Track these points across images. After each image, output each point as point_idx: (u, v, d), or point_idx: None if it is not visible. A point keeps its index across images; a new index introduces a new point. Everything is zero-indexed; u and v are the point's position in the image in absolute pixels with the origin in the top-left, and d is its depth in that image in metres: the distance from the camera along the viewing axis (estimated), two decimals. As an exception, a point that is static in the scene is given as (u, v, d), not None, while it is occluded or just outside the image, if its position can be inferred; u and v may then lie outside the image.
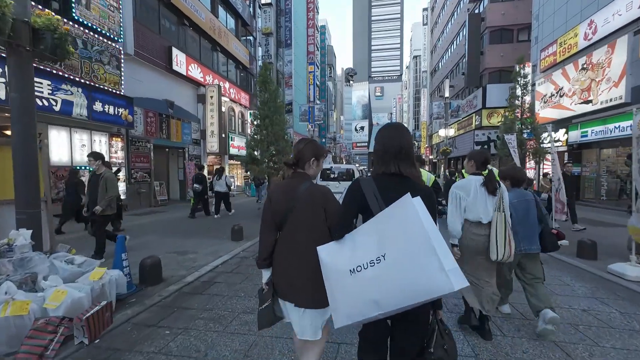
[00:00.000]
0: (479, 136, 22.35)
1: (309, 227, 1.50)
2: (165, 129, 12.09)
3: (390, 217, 1.16)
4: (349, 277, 1.21)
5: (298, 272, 1.50)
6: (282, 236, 1.57)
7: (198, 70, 14.11)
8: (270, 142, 8.58)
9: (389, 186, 1.31)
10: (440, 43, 36.41)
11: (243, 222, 8.10)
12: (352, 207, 1.35)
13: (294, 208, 1.51)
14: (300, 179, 1.58)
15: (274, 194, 1.62)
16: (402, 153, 1.34)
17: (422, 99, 46.27)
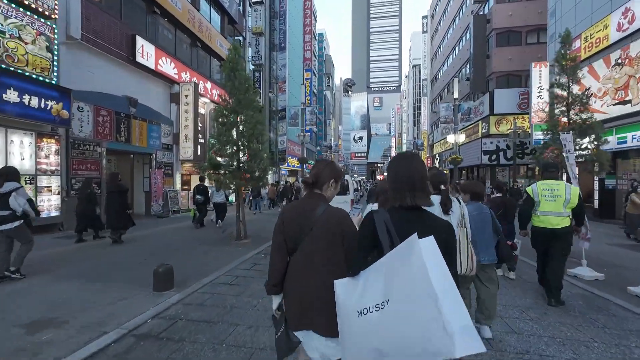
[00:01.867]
0: (487, 145, 20.56)
1: (326, 252, 1.40)
2: (124, 131, 10.15)
3: (396, 260, 1.07)
4: (356, 318, 1.13)
5: (316, 299, 1.39)
6: (296, 261, 1.47)
7: (171, 66, 12.31)
8: (239, 145, 6.62)
9: (405, 221, 1.21)
10: (441, 50, 35.21)
11: (205, 247, 6.08)
12: (364, 243, 1.26)
13: (310, 232, 1.42)
14: (317, 200, 1.50)
15: (287, 216, 1.54)
16: (417, 184, 1.24)
17: (422, 107, 44.91)
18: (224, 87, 6.82)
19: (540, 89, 13.99)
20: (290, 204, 1.67)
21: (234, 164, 6.66)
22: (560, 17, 13.57)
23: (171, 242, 7.01)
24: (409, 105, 60.53)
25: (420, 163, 1.29)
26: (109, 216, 6.56)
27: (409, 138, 56.89)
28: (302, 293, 1.42)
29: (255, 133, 6.88)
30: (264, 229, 8.88)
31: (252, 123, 6.73)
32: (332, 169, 1.56)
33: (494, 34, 20.82)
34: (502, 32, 20.69)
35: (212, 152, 6.57)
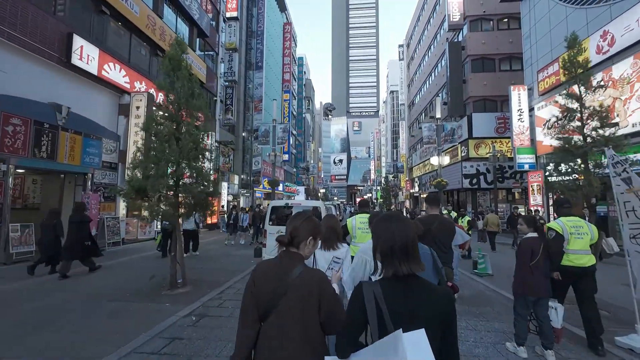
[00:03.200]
0: (467, 168, 20.15)
1: (302, 320, 1.27)
2: (46, 146, 8.22)
3: (379, 355, 1.02)
4: None
5: None
6: (267, 329, 1.30)
7: (122, 74, 10.70)
8: (178, 162, 5.02)
9: (397, 295, 1.10)
10: (417, 76, 36.14)
11: (116, 304, 4.21)
12: (355, 319, 1.14)
13: (284, 296, 1.28)
14: (292, 260, 1.36)
15: (258, 276, 1.36)
16: (411, 250, 1.14)
17: (400, 131, 45.44)
18: (160, 87, 5.30)
19: (520, 112, 13.66)
20: (263, 263, 1.46)
21: (168, 188, 4.99)
22: (536, 42, 13.56)
23: (77, 293, 5.06)
24: (387, 130, 61.58)
25: (413, 226, 1.23)
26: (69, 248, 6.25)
27: (388, 161, 57.16)
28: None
29: (200, 148, 5.33)
30: (215, 270, 7.07)
31: (195, 135, 5.19)
32: (310, 225, 1.44)
33: (469, 60, 21.16)
34: (477, 58, 21.08)
35: (134, 172, 4.89)
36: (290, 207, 7.04)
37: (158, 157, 4.90)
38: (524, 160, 13.39)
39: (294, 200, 7.12)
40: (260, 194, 28.87)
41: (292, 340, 1.25)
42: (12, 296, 4.90)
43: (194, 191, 5.06)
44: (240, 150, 22.81)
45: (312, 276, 1.31)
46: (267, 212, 6.91)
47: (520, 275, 3.33)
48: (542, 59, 13.11)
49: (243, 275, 6.54)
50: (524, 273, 3.27)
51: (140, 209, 4.93)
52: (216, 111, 18.41)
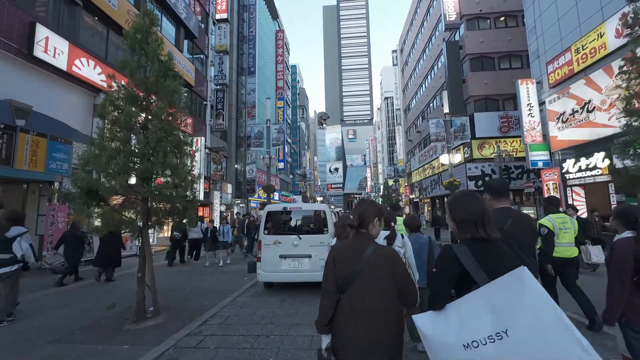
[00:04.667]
0: (472, 170, 19.27)
1: (378, 291, 1.49)
2: (0, 149, 7.01)
3: (503, 292, 1.12)
4: (464, 352, 1.15)
5: (370, 338, 1.46)
6: (346, 300, 1.52)
7: (97, 70, 9.61)
8: (137, 155, 3.88)
9: (481, 251, 1.32)
10: (413, 80, 35.76)
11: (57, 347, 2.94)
12: (449, 276, 1.32)
13: (362, 271, 1.51)
14: (364, 240, 1.60)
15: (338, 256, 1.61)
16: (486, 218, 1.36)
17: (396, 137, 44.84)
18: (123, 67, 4.21)
19: (530, 107, 12.85)
20: (340, 244, 1.70)
21: (127, 190, 3.84)
22: (543, 33, 12.89)
23: (13, 328, 3.81)
24: (383, 136, 61.14)
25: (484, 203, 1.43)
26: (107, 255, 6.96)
27: (385, 167, 56.44)
28: (356, 332, 1.48)
29: (173, 139, 4.22)
30: (200, 291, 5.83)
31: (167, 122, 4.08)
32: (375, 208, 1.67)
33: (467, 59, 20.58)
34: (475, 57, 20.52)
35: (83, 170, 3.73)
36: (289, 211, 5.89)
37: (116, 149, 3.75)
38: (538, 158, 12.50)
39: (293, 204, 6.00)
40: (256, 204, 27.59)
41: (370, 309, 1.47)
42: None
43: (164, 194, 3.91)
44: (233, 158, 21.68)
45: (384, 253, 1.56)
46: (262, 218, 5.76)
47: (620, 294, 2.21)
48: (551, 50, 12.41)
49: (234, 298, 5.33)
50: (626, 291, 2.17)
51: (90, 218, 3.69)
52: (206, 116, 17.34)
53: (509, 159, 16.27)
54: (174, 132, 4.32)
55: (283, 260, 5.49)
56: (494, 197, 2.49)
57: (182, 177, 4.16)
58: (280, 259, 5.49)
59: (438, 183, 25.01)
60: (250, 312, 4.54)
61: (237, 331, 3.80)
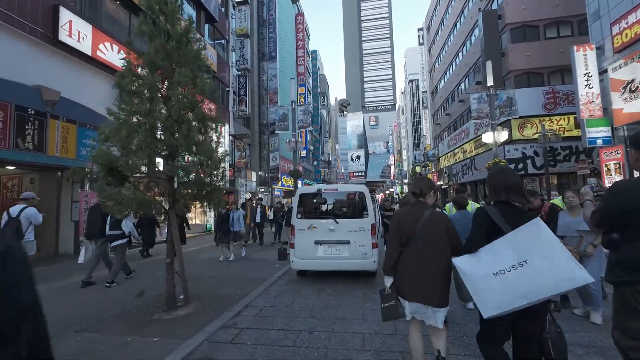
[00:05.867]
0: (511, 152, 17.69)
1: (434, 244, 2.02)
2: (32, 135, 7.02)
3: (525, 234, 1.60)
4: (494, 278, 1.60)
5: (425, 281, 1.97)
6: (409, 251, 2.06)
7: (120, 55, 9.42)
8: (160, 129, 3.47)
9: (508, 212, 1.75)
10: (441, 59, 33.51)
11: (85, 336, 2.66)
12: (481, 227, 1.76)
13: (420, 230, 2.04)
14: (422, 207, 2.14)
15: (402, 218, 2.16)
16: (510, 187, 1.78)
17: (422, 121, 42.76)
18: (141, 33, 3.77)
19: (588, 77, 11.26)
20: (403, 209, 2.38)
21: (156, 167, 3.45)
22: (606, -10, 11.09)
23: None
24: (408, 121, 58.78)
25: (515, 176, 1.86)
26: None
27: (410, 153, 54.43)
28: (417, 275, 2.00)
29: (197, 112, 3.76)
30: (230, 280, 5.51)
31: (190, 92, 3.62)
32: (430, 183, 2.24)
33: (507, 30, 18.63)
34: (517, 26, 18.51)
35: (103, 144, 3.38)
36: (325, 193, 5.34)
37: (137, 122, 3.35)
38: (596, 135, 11.01)
39: (329, 185, 5.43)
40: (279, 192, 27.51)
41: (427, 257, 2.00)
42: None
43: (189, 172, 3.48)
44: (256, 146, 21.48)
45: (439, 216, 2.12)
46: (295, 201, 5.27)
47: None
48: (616, 9, 10.67)
49: (266, 286, 4.94)
50: None
51: (119, 196, 3.33)
52: (229, 102, 17.10)
53: (555, 139, 14.67)
54: (198, 105, 3.86)
55: (319, 247, 5.00)
56: None
57: (209, 155, 3.71)
58: (315, 245, 5.00)
59: (471, 168, 23.47)
60: (287, 303, 4.11)
61: (274, 325, 3.36)
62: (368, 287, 4.82)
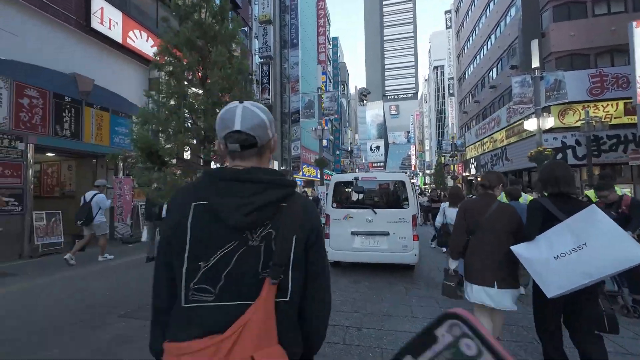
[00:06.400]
0: (549, 141, 16.44)
1: (500, 233, 2.17)
2: (69, 123, 7.18)
3: (581, 221, 1.74)
4: (555, 262, 1.75)
5: (496, 264, 2.15)
6: (476, 239, 2.25)
7: (149, 43, 9.46)
8: (198, 110, 3.29)
9: (560, 202, 1.91)
10: (471, 43, 31.59)
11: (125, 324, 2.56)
12: (537, 217, 1.94)
13: (487, 220, 2.22)
14: (490, 198, 2.32)
15: (469, 208, 2.36)
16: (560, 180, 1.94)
17: (448, 109, 40.96)
18: (176, 7, 3.57)
19: (648, 55, 10.05)
20: (469, 201, 2.62)
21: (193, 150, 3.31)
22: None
23: (83, 295, 3.68)
24: (431, 110, 56.69)
25: (565, 168, 2.00)
26: None
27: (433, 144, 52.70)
28: (485, 261, 2.19)
29: (234, 94, 3.56)
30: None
31: (228, 70, 3.41)
32: (499, 177, 2.42)
33: (549, 7, 17.07)
34: (560, 4, 16.92)
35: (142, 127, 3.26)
36: (362, 181, 5.05)
37: (175, 104, 3.19)
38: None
39: (366, 173, 5.13)
40: (300, 182, 27.51)
41: (493, 244, 2.18)
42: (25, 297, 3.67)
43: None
44: (278, 135, 21.39)
45: (507, 208, 2.28)
46: (330, 190, 5.03)
47: None
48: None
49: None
50: None
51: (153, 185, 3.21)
52: (252, 91, 16.98)
53: (602, 127, 13.44)
54: (235, 86, 3.65)
55: (355, 238, 4.76)
56: None
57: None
58: (352, 236, 4.77)
59: (501, 158, 22.27)
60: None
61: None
62: (408, 281, 4.56)
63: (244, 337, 0.65)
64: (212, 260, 0.72)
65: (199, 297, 0.71)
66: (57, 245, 6.67)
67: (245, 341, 0.64)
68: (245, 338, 0.65)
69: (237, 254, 0.72)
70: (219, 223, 0.72)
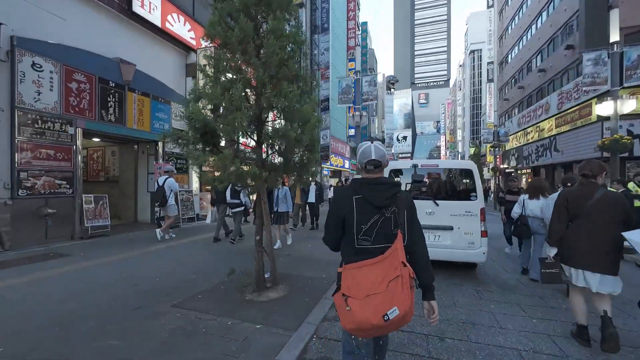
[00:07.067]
0: (612, 130, 14.62)
1: (606, 220, 2.29)
2: (114, 107, 7.24)
3: None
4: None
5: (599, 250, 2.28)
6: (579, 225, 2.37)
7: (187, 27, 9.34)
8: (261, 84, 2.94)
9: None
10: (516, 22, 28.89)
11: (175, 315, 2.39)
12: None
13: (591, 207, 2.33)
14: (594, 186, 2.40)
15: (570, 197, 2.46)
16: None
17: (486, 96, 38.29)
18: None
19: None
20: (572, 189, 2.62)
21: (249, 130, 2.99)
22: None
23: (128, 283, 3.58)
24: (465, 98, 53.46)
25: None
26: None
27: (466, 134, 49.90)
28: (588, 246, 2.30)
29: (291, 66, 3.17)
30: (302, 260, 5.11)
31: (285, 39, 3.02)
32: (601, 166, 2.44)
33: (620, -24, 14.86)
34: (634, -29, 14.67)
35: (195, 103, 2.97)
36: (422, 169, 4.53)
37: (230, 79, 2.86)
38: None
39: (427, 160, 4.58)
40: (327, 172, 27.12)
41: (599, 231, 2.29)
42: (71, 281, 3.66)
43: (290, 137, 2.93)
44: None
45: (613, 195, 2.34)
46: (385, 178, 4.57)
47: None
48: None
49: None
50: None
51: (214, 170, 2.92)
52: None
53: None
54: (295, 57, 3.26)
55: (413, 232, 4.29)
56: None
57: (307, 119, 3.12)
58: (409, 229, 4.29)
59: (549, 149, 20.39)
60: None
61: (386, 322, 2.80)
62: (474, 282, 4.04)
63: (395, 255, 1.31)
64: (368, 224, 1.38)
65: (363, 242, 1.39)
66: (104, 228, 6.83)
67: (397, 257, 1.31)
68: (397, 255, 1.31)
69: (380, 221, 1.39)
70: (370, 205, 1.40)
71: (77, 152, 6.39)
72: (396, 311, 1.20)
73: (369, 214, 1.37)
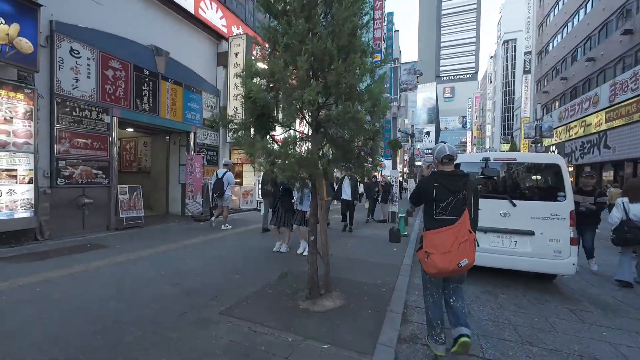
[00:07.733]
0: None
1: None
2: (148, 96, 7.06)
3: None
4: None
5: None
6: None
7: (219, 14, 9.04)
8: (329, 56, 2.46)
9: None
10: (560, 8, 26.60)
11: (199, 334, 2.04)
12: None
13: None
14: None
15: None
16: None
17: (522, 89, 35.89)
18: None
19: None
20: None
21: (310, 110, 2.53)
22: None
23: (173, 282, 3.28)
24: (496, 91, 50.62)
25: None
26: None
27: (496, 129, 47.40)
28: None
29: (359, 39, 2.66)
30: (349, 262, 4.65)
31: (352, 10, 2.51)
32: None
33: (697, -53, 13.03)
34: None
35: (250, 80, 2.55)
36: (495, 163, 3.90)
37: (292, 51, 2.39)
38: None
39: (501, 154, 3.92)
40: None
41: None
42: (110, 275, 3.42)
43: (359, 120, 2.44)
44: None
45: None
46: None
47: None
48: None
49: (407, 277, 3.91)
50: None
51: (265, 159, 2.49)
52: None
53: None
54: (358, 30, 2.75)
55: (483, 235, 3.71)
56: None
57: (376, 99, 2.62)
58: (478, 232, 3.71)
59: (597, 146, 18.69)
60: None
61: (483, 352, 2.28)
62: (560, 297, 3.42)
63: (463, 223, 2.02)
64: (445, 202, 2.09)
65: (440, 215, 2.10)
66: (138, 219, 6.71)
67: (465, 225, 2.02)
68: (464, 223, 2.02)
69: (454, 201, 2.09)
70: (447, 190, 2.11)
71: (113, 141, 6.25)
72: (466, 261, 1.95)
73: (446, 195, 2.10)
